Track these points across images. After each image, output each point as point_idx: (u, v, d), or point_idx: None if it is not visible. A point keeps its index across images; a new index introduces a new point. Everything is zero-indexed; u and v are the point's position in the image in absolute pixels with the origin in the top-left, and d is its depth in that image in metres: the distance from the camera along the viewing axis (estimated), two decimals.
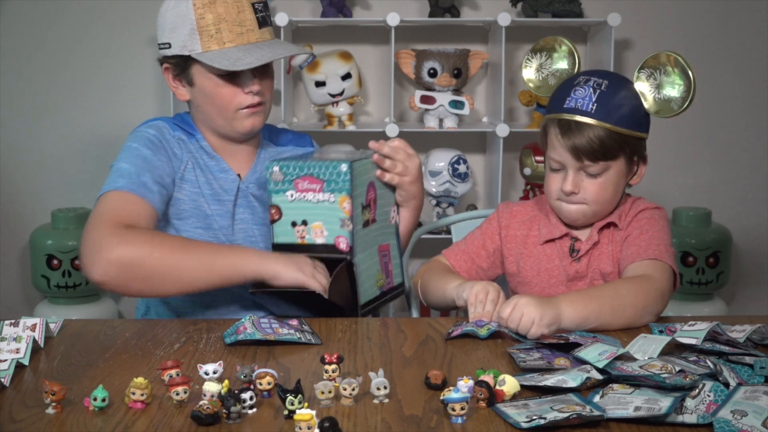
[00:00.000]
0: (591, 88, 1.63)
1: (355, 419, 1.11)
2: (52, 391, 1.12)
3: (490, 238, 1.80)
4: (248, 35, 1.65)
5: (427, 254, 3.26)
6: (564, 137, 1.62)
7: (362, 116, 3.34)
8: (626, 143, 1.64)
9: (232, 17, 1.63)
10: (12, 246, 3.37)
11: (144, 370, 1.30)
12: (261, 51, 1.64)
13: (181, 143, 1.73)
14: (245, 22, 1.64)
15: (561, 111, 1.64)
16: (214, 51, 1.63)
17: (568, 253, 1.71)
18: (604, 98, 1.61)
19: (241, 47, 1.64)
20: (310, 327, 1.50)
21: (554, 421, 1.06)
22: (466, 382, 1.12)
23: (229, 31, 1.63)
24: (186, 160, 1.72)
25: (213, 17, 1.62)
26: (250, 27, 1.65)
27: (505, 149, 3.10)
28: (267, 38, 1.68)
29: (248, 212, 1.75)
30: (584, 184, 1.64)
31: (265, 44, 1.66)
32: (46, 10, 3.25)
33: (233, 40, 1.63)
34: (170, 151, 1.70)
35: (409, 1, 3.26)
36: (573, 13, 3.12)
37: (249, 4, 1.66)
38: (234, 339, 1.40)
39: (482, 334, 1.43)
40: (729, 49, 3.36)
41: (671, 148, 3.36)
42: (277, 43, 1.71)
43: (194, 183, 1.72)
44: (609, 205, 1.68)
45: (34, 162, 3.33)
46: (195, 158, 1.73)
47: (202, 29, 1.63)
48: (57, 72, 3.29)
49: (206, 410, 1.08)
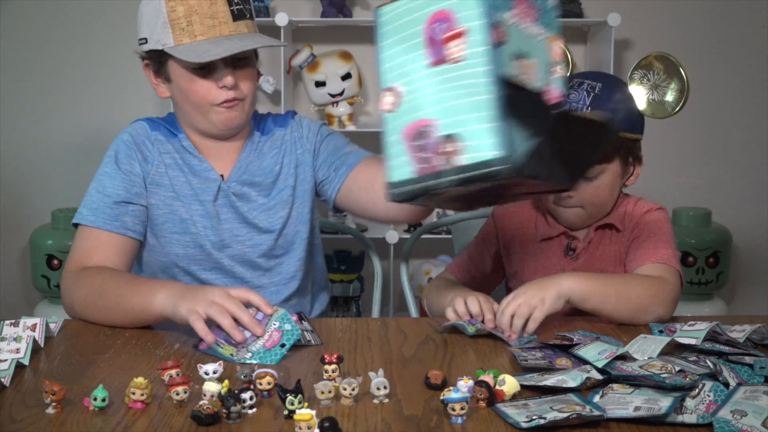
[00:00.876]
0: (585, 92, 1.63)
1: (355, 419, 1.11)
2: (52, 391, 1.12)
3: (489, 242, 1.80)
4: (220, 28, 1.59)
5: (427, 254, 3.27)
6: None
7: (362, 116, 3.34)
8: (621, 146, 1.64)
9: (203, 10, 1.59)
10: (12, 246, 3.37)
11: (144, 370, 1.30)
12: (230, 43, 1.59)
13: (158, 143, 1.70)
14: (217, 15, 1.59)
15: None
16: (186, 44, 1.59)
17: (564, 252, 1.72)
18: (598, 101, 1.62)
19: (212, 40, 1.59)
20: (310, 324, 1.50)
21: (554, 421, 1.06)
22: (466, 382, 1.12)
23: (200, 24, 1.58)
24: (157, 163, 1.68)
25: (184, 9, 1.58)
26: (223, 19, 1.60)
27: None
28: (243, 31, 1.62)
29: (231, 212, 1.71)
30: (579, 188, 1.64)
31: (238, 37, 1.61)
32: (47, 10, 3.25)
33: (204, 33, 1.59)
34: (139, 156, 1.68)
35: None
36: (573, 13, 3.12)
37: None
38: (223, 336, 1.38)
39: (470, 331, 1.44)
40: (729, 49, 3.36)
41: (671, 149, 3.36)
42: (252, 36, 1.64)
43: (167, 187, 1.68)
44: (605, 207, 1.69)
45: (34, 162, 3.34)
46: (174, 158, 1.70)
47: (173, 22, 1.59)
48: (57, 72, 3.29)
49: (206, 410, 1.08)
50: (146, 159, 1.68)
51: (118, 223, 1.62)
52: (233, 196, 1.71)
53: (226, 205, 1.71)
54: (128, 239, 1.63)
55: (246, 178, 1.73)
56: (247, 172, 1.73)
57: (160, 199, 1.68)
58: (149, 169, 1.68)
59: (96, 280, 1.56)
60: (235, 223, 1.71)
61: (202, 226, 1.69)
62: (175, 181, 1.69)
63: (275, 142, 1.78)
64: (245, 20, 1.63)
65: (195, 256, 1.70)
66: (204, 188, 1.70)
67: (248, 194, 1.72)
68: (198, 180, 1.70)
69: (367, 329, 1.51)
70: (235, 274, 1.71)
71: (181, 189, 1.69)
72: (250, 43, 1.61)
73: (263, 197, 1.73)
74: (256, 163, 1.74)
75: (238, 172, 1.73)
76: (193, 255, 1.70)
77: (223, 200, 1.71)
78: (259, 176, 1.73)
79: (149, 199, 1.67)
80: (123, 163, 1.67)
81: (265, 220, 1.72)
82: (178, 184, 1.69)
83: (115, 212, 1.63)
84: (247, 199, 1.72)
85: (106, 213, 1.62)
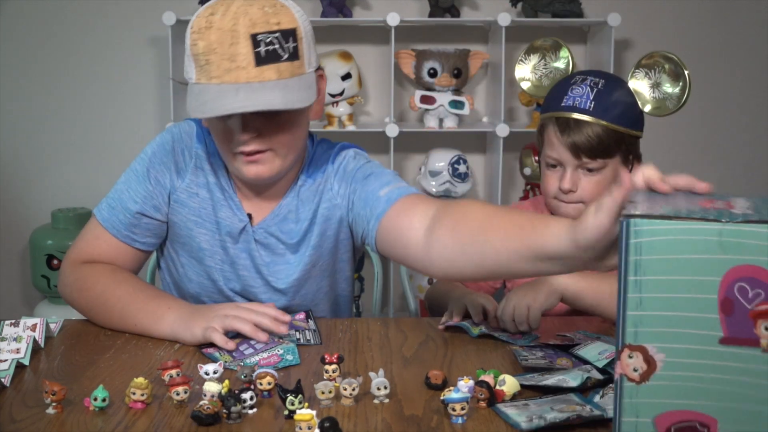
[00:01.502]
0: (588, 87, 1.64)
1: (355, 419, 1.11)
2: (52, 391, 1.12)
3: None
4: (237, 72, 1.33)
5: None
6: (563, 134, 1.63)
7: (362, 116, 3.34)
8: (623, 141, 1.65)
9: (223, 49, 1.33)
10: (12, 246, 3.37)
11: (144, 370, 1.30)
12: (243, 95, 1.33)
13: (197, 158, 1.53)
14: (237, 57, 1.33)
15: (559, 109, 1.65)
16: (201, 84, 1.36)
17: None
18: (601, 96, 1.63)
19: (225, 86, 1.33)
20: (315, 323, 1.51)
21: (554, 421, 1.06)
22: (466, 382, 1.12)
23: (217, 66, 1.34)
24: (188, 181, 1.53)
25: (204, 46, 1.34)
26: (242, 64, 1.33)
27: (505, 149, 3.10)
28: (269, 78, 1.34)
29: (249, 260, 1.55)
30: (582, 183, 1.65)
31: (258, 86, 1.34)
32: (47, 10, 3.25)
33: (220, 77, 1.34)
34: (172, 168, 1.52)
35: (409, 1, 3.26)
36: (573, 13, 3.12)
37: (247, 36, 1.33)
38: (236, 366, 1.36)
39: (474, 332, 1.45)
40: (729, 49, 3.36)
41: (671, 148, 3.36)
42: (272, 88, 1.34)
43: (193, 210, 1.53)
44: None
45: (34, 162, 3.33)
46: (207, 180, 1.53)
47: (195, 57, 1.37)
48: (57, 72, 3.29)
49: (206, 410, 1.08)
50: (179, 172, 1.53)
51: (127, 233, 1.52)
52: (255, 243, 1.54)
53: (245, 251, 1.54)
54: (135, 249, 1.55)
55: (275, 230, 1.54)
56: (283, 223, 1.54)
57: (182, 219, 1.54)
58: (178, 184, 1.53)
59: (99, 286, 1.49)
60: (252, 273, 1.56)
61: (221, 260, 1.55)
62: (204, 205, 1.53)
63: (318, 187, 1.56)
64: (276, 63, 1.35)
65: (207, 287, 1.58)
66: (228, 225, 1.53)
67: (274, 247, 1.55)
68: (224, 212, 1.53)
69: (367, 329, 1.51)
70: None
71: (207, 216, 1.53)
72: (262, 102, 1.33)
73: (291, 253, 1.56)
74: (294, 215, 1.55)
75: (272, 220, 1.54)
76: (206, 286, 1.58)
77: (244, 245, 1.54)
78: (292, 230, 1.55)
79: (171, 216, 1.54)
80: (152, 171, 1.52)
81: (283, 280, 1.56)
82: (205, 210, 1.53)
83: (128, 221, 1.52)
84: (271, 251, 1.55)
85: (119, 219, 1.52)
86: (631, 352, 0.82)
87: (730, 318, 0.78)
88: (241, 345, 1.36)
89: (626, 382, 0.83)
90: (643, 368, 0.81)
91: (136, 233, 1.54)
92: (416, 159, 3.35)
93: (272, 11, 1.36)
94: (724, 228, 0.78)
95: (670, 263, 0.80)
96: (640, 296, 0.81)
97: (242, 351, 1.34)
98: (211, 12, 1.36)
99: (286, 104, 1.35)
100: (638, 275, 0.81)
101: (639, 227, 0.80)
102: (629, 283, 0.81)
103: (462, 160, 3.13)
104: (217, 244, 1.55)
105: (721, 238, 0.78)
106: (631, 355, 0.82)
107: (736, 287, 0.79)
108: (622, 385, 0.83)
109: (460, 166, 3.11)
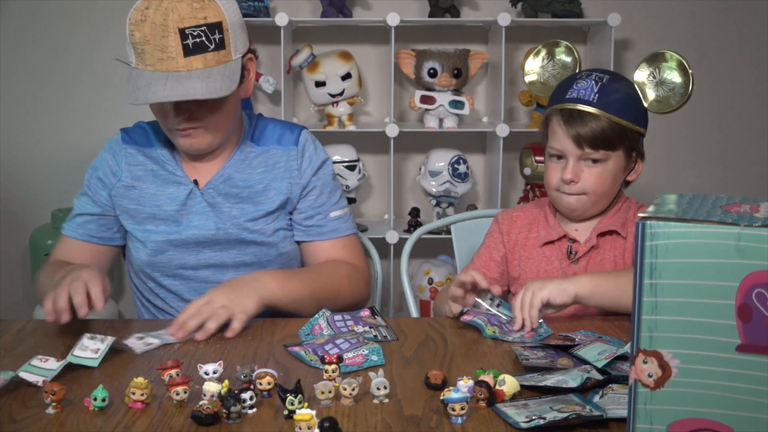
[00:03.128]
0: (593, 81, 1.67)
1: (355, 419, 1.11)
2: (52, 391, 1.12)
3: (495, 248, 1.80)
4: (168, 62, 1.53)
5: (427, 254, 3.27)
6: (567, 125, 1.65)
7: (362, 116, 3.34)
8: (625, 135, 1.66)
9: (156, 41, 1.53)
10: (12, 246, 3.37)
11: (144, 370, 1.30)
12: (164, 86, 1.52)
13: (128, 156, 1.73)
14: (167, 48, 1.53)
15: (564, 101, 1.68)
16: (138, 70, 1.56)
17: (566, 255, 1.72)
18: (605, 90, 1.65)
19: (157, 73, 1.53)
20: (384, 320, 1.51)
21: (554, 421, 1.06)
22: (466, 382, 1.12)
23: (151, 55, 1.54)
24: (125, 177, 1.72)
25: (140, 36, 1.54)
26: (172, 54, 1.53)
27: (505, 149, 3.10)
28: (196, 67, 1.54)
29: (199, 218, 1.70)
30: (584, 174, 1.66)
31: (184, 75, 1.53)
32: (46, 10, 3.25)
33: (153, 65, 1.54)
34: (109, 173, 1.73)
35: (409, 1, 3.26)
36: (573, 13, 3.12)
37: (176, 30, 1.52)
38: (310, 339, 1.42)
39: (487, 332, 1.45)
40: (729, 49, 3.36)
41: (672, 148, 3.36)
42: (197, 77, 1.53)
43: (133, 199, 1.71)
44: (607, 197, 1.70)
45: (34, 162, 3.33)
46: (145, 169, 1.72)
47: (133, 45, 1.57)
48: (57, 72, 3.29)
49: (206, 410, 1.08)
50: (114, 174, 1.73)
51: (83, 231, 1.74)
52: (206, 204, 1.70)
53: (196, 211, 1.70)
54: (94, 245, 1.74)
55: (223, 188, 1.71)
56: (228, 182, 1.71)
57: (127, 208, 1.72)
58: (114, 182, 1.73)
59: (47, 268, 1.69)
60: (204, 231, 1.70)
61: (166, 232, 1.70)
62: (143, 192, 1.71)
63: (268, 160, 1.75)
64: (203, 54, 1.54)
65: (158, 262, 1.72)
66: (174, 196, 1.70)
67: (221, 205, 1.71)
68: (170, 189, 1.71)
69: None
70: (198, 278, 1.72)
71: (147, 200, 1.71)
72: (184, 92, 1.52)
73: (236, 209, 1.71)
74: (240, 175, 1.72)
75: (218, 180, 1.71)
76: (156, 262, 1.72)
77: (196, 206, 1.70)
78: (240, 188, 1.72)
79: (118, 210, 1.74)
80: (92, 179, 1.75)
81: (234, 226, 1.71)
82: (145, 196, 1.71)
83: (81, 221, 1.75)
84: (219, 210, 1.71)
85: (76, 222, 1.75)
86: (645, 357, 0.80)
87: (748, 325, 0.76)
88: (326, 344, 1.36)
89: (640, 388, 0.81)
90: (658, 374, 0.80)
91: (91, 228, 1.74)
92: (416, 159, 3.35)
93: (199, 6, 1.55)
94: (742, 232, 0.76)
95: (687, 267, 0.79)
96: (656, 300, 0.79)
97: (327, 350, 1.33)
98: (146, 6, 1.55)
99: (206, 94, 1.53)
100: (654, 278, 0.80)
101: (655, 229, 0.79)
102: (644, 286, 0.79)
103: (462, 160, 3.13)
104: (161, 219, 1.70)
105: (738, 243, 0.76)
106: (645, 361, 0.80)
107: (754, 293, 0.76)
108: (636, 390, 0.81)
109: (460, 166, 3.11)
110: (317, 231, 1.76)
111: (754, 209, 0.83)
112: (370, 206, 3.37)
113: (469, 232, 2.07)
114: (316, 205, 1.75)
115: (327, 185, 1.77)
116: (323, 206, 1.76)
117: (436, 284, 3.09)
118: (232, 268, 1.71)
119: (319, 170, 1.76)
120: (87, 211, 1.75)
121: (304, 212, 1.75)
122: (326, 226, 1.76)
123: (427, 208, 3.23)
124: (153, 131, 1.75)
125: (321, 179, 1.76)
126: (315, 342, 1.38)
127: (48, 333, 1.49)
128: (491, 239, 1.82)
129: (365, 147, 3.27)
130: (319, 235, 1.76)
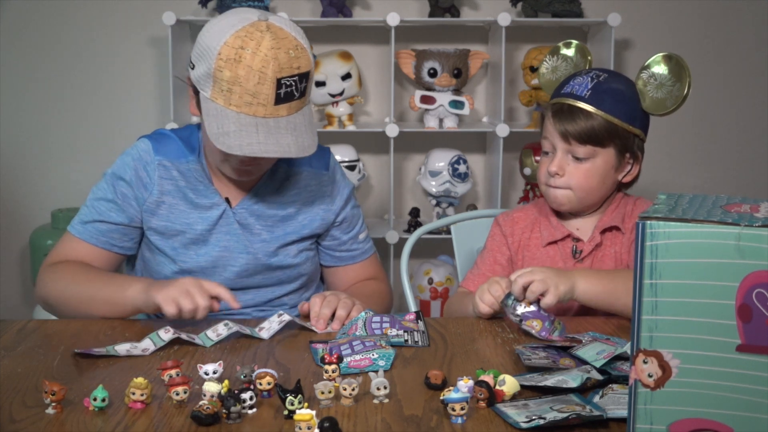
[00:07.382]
0: (589, 77, 1.67)
1: (355, 419, 1.11)
2: (52, 391, 1.12)
3: (499, 251, 1.79)
4: (256, 108, 1.49)
5: (427, 254, 3.27)
6: (555, 119, 1.66)
7: (362, 116, 3.34)
8: (617, 134, 1.65)
9: (248, 85, 1.48)
10: (12, 246, 3.37)
11: (144, 370, 1.30)
12: (256, 136, 1.49)
13: (160, 169, 1.66)
14: (259, 95, 1.48)
15: (558, 96, 1.69)
16: (218, 104, 1.51)
17: (571, 255, 1.72)
18: (599, 87, 1.65)
19: (244, 117, 1.49)
20: (425, 325, 1.50)
21: (554, 421, 1.06)
22: (466, 382, 1.12)
23: (239, 97, 1.48)
24: (157, 192, 1.65)
25: (230, 75, 1.48)
26: (263, 102, 1.49)
27: (505, 149, 3.10)
28: (280, 114, 1.51)
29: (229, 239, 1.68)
30: (570, 169, 1.66)
31: (273, 125, 1.50)
32: (48, 11, 3.25)
33: (239, 107, 1.49)
34: (139, 183, 1.66)
35: (409, 1, 3.26)
36: (573, 13, 3.12)
37: (273, 80, 1.48)
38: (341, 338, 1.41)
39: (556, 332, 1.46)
40: (729, 49, 3.36)
41: (671, 148, 3.36)
42: (286, 129, 1.51)
43: (163, 216, 1.66)
44: (594, 195, 1.69)
45: (34, 162, 3.34)
46: (176, 185, 1.66)
47: (216, 79, 1.50)
48: (57, 72, 3.29)
49: (206, 410, 1.08)
50: (146, 187, 1.66)
51: (105, 239, 1.67)
52: (237, 225, 1.68)
53: (224, 232, 1.68)
54: (112, 253, 1.69)
55: (256, 209, 1.69)
56: (261, 203, 1.69)
57: (155, 226, 1.67)
58: (146, 196, 1.66)
59: (70, 270, 1.62)
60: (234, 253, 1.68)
61: (195, 254, 1.68)
62: (174, 210, 1.67)
63: (300, 182, 1.73)
64: (289, 102, 1.52)
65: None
66: (206, 217, 1.67)
67: (252, 226, 1.69)
68: (202, 209, 1.67)
69: None
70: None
71: (177, 218, 1.67)
72: (280, 149, 1.49)
73: (267, 232, 1.70)
74: (272, 197, 1.70)
75: (251, 200, 1.69)
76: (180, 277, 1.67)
77: (225, 227, 1.68)
78: (273, 211, 1.70)
79: (145, 224, 1.68)
80: (120, 187, 1.66)
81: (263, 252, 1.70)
82: (175, 213, 1.67)
83: (104, 229, 1.67)
84: (250, 232, 1.69)
85: (97, 228, 1.66)
86: (645, 357, 0.80)
87: (748, 325, 0.76)
88: (344, 345, 1.35)
89: (641, 388, 0.81)
90: (658, 374, 0.80)
91: (114, 237, 1.67)
92: (416, 159, 3.35)
93: (295, 55, 1.51)
94: (742, 232, 0.76)
95: (687, 267, 0.79)
96: (656, 300, 0.79)
97: (342, 350, 1.33)
98: (241, 45, 1.48)
99: (299, 152, 1.52)
100: (654, 278, 0.80)
101: (655, 229, 0.79)
102: (644, 286, 0.79)
103: (462, 160, 3.13)
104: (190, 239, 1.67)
105: (739, 243, 0.77)
106: (645, 360, 0.80)
107: (755, 293, 0.76)
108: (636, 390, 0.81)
109: (460, 166, 3.11)
110: (348, 256, 1.81)
111: (754, 209, 0.83)
112: (370, 206, 3.37)
113: (469, 233, 2.06)
114: (346, 233, 1.80)
115: (356, 215, 1.82)
116: (352, 232, 1.81)
117: (436, 284, 3.09)
118: (253, 289, 1.72)
119: (349, 200, 1.80)
120: (111, 219, 1.66)
121: (336, 239, 1.79)
122: (356, 250, 1.82)
123: (427, 208, 3.24)
124: (182, 142, 1.69)
125: (350, 209, 1.80)
126: (338, 342, 1.37)
127: (48, 333, 1.49)
128: (494, 242, 1.81)
129: (365, 147, 3.27)
130: (350, 260, 1.82)
